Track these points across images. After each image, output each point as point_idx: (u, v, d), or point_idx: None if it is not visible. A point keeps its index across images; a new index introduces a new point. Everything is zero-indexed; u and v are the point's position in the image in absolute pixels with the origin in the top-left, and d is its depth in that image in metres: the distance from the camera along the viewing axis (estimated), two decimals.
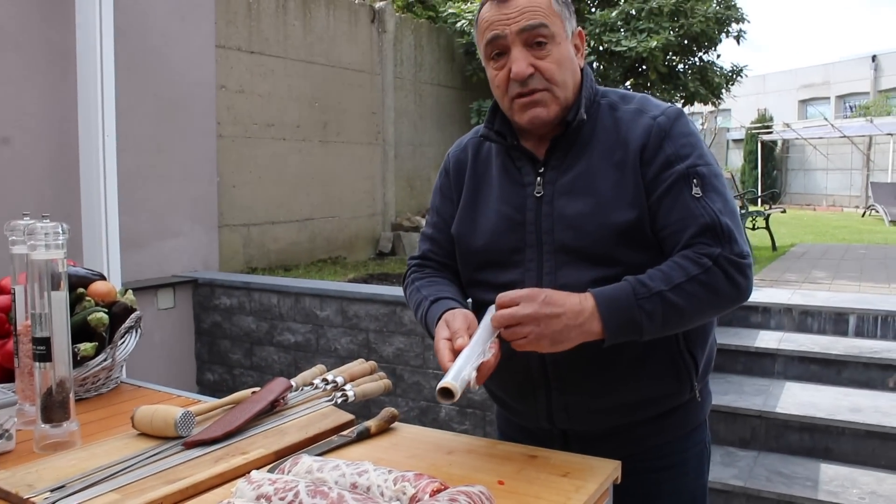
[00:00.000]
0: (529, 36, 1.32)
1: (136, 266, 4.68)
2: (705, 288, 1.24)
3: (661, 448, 1.45)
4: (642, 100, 1.41)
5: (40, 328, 1.32)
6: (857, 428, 3.52)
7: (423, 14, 9.67)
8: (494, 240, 1.42)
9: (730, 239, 1.26)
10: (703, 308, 1.27)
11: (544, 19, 1.32)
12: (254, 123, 6.17)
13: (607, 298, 1.22)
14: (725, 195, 1.32)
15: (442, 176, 1.58)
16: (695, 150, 1.33)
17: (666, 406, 1.43)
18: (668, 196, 1.31)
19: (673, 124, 1.34)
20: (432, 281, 1.50)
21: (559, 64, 1.33)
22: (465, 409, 3.99)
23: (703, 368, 1.45)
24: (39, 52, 4.15)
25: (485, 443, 1.39)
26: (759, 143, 20.36)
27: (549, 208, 1.37)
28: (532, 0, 1.33)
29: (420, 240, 1.62)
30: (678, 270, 1.25)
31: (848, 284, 5.97)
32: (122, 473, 1.20)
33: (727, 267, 1.25)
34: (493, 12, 1.35)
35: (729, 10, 7.88)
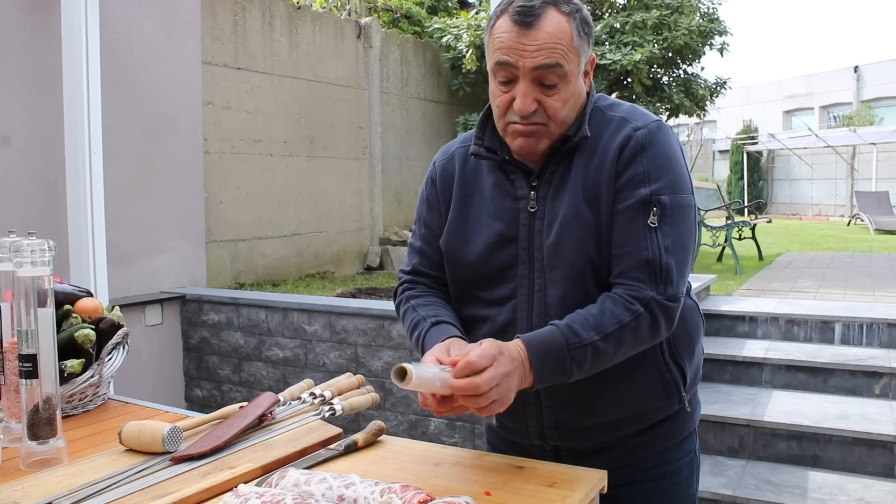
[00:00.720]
0: (542, 74, 1.28)
1: (123, 282, 4.66)
2: (632, 333, 1.25)
3: (652, 458, 1.46)
4: (630, 109, 1.39)
5: (27, 345, 1.32)
6: (845, 435, 3.55)
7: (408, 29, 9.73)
8: (486, 255, 1.40)
9: (665, 279, 1.26)
10: (626, 351, 1.27)
11: (562, 58, 1.27)
12: (241, 139, 6.18)
13: (539, 348, 1.20)
14: (682, 229, 1.30)
15: (428, 185, 1.53)
16: (666, 175, 1.30)
17: (656, 418, 1.43)
18: (623, 216, 1.30)
19: (652, 140, 1.31)
20: (429, 301, 1.46)
21: (565, 102, 1.31)
22: (455, 422, 3.99)
23: (690, 378, 1.46)
24: (25, 68, 4.15)
25: (472, 454, 1.39)
26: (745, 153, 20.53)
27: (542, 224, 1.36)
28: (556, 34, 1.27)
29: (408, 252, 1.57)
30: (610, 317, 1.24)
31: (834, 293, 6.02)
32: (110, 489, 1.19)
33: (656, 311, 1.25)
34: (510, 35, 1.28)
35: (712, 24, 7.97)
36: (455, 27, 8.45)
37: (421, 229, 1.53)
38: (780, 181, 21.73)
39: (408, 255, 1.57)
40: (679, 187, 1.31)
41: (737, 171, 20.93)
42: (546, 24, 1.27)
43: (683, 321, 1.41)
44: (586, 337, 1.21)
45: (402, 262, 1.57)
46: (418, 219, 1.55)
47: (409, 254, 1.56)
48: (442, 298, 1.49)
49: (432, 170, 1.54)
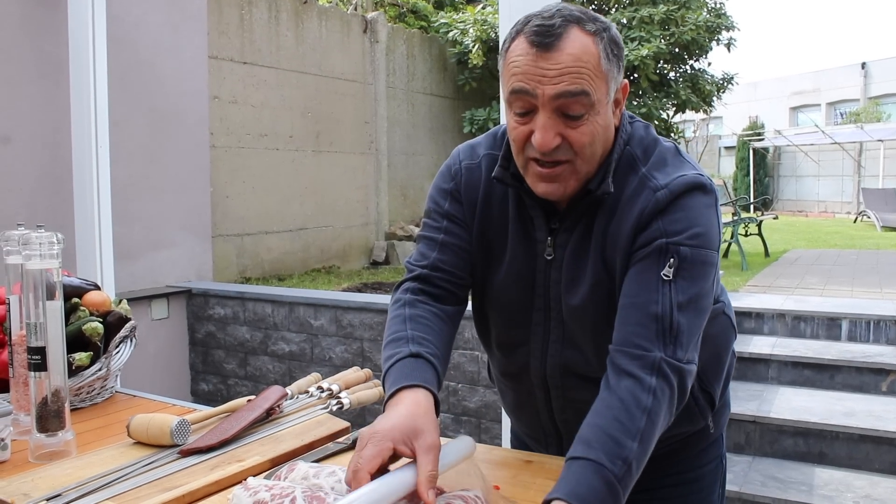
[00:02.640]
0: (565, 104, 1.10)
1: (129, 276, 4.67)
2: (659, 416, 1.07)
3: (674, 465, 1.41)
4: (658, 159, 1.20)
5: (35, 338, 1.32)
6: (851, 432, 3.54)
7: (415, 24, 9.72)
8: (505, 295, 1.30)
9: (675, 340, 1.10)
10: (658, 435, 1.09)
11: (588, 84, 1.09)
12: (247, 134, 6.18)
13: (590, 498, 0.97)
14: (699, 288, 1.14)
15: (446, 181, 1.34)
16: (690, 227, 1.14)
17: (678, 439, 1.38)
18: (636, 266, 1.15)
19: (674, 199, 1.15)
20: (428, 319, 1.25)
21: (593, 136, 1.13)
22: (461, 416, 3.99)
23: (719, 399, 1.38)
24: (32, 62, 4.15)
25: (480, 448, 1.39)
26: (751, 150, 20.46)
27: (558, 275, 1.24)
28: (580, 56, 1.09)
29: (423, 245, 1.33)
30: (634, 412, 1.05)
31: (840, 289, 6.00)
32: (119, 482, 1.20)
33: (669, 375, 1.08)
34: (527, 59, 1.10)
35: (719, 19, 7.95)
36: (461, 22, 8.44)
37: (441, 221, 1.32)
38: (786, 178, 21.66)
39: (422, 247, 1.33)
40: (704, 241, 1.14)
41: (743, 167, 20.88)
42: (568, 45, 1.09)
43: (714, 344, 1.32)
44: (626, 454, 1.01)
45: (413, 255, 1.35)
46: (437, 209, 1.33)
47: (424, 247, 1.33)
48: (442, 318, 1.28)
49: (457, 168, 1.34)
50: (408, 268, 1.33)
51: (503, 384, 1.46)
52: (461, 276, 1.32)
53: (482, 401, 3.94)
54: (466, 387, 3.97)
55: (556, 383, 1.31)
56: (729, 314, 1.41)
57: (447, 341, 1.26)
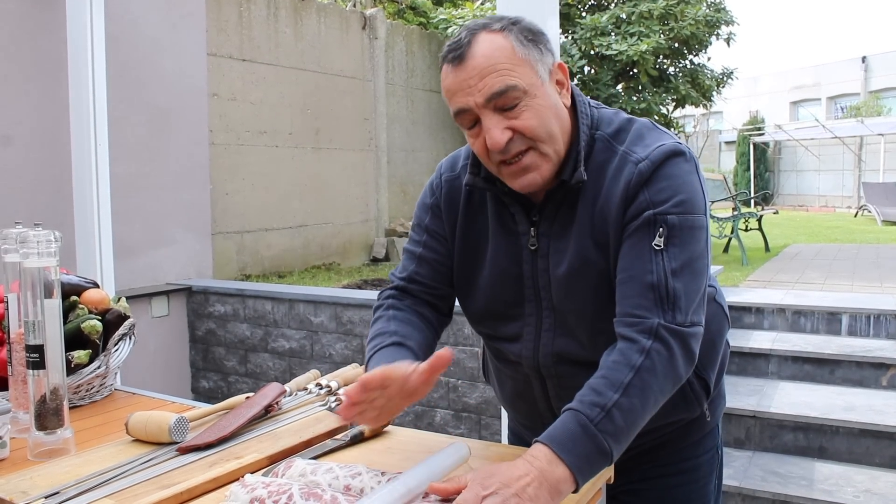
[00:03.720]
0: (498, 103, 1.15)
1: (129, 274, 4.67)
2: (652, 374, 1.10)
3: (671, 455, 1.44)
4: (635, 136, 1.24)
5: (33, 336, 1.32)
6: (851, 427, 3.54)
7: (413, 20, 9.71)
8: (493, 295, 1.33)
9: (673, 305, 1.13)
10: (656, 397, 1.12)
11: (510, 77, 1.14)
12: (246, 131, 6.18)
13: (561, 439, 1.03)
14: (692, 251, 1.17)
15: (428, 196, 1.41)
16: (675, 195, 1.17)
17: (675, 426, 1.40)
18: (628, 241, 1.18)
19: (656, 169, 1.18)
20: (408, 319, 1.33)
21: (539, 118, 1.16)
22: (461, 412, 3.99)
23: (714, 387, 1.41)
24: (31, 61, 4.15)
25: (478, 444, 1.39)
26: (751, 144, 20.44)
27: (545, 263, 1.27)
28: (491, 55, 1.14)
29: (405, 258, 1.42)
30: (621, 368, 1.10)
31: (841, 284, 6.00)
32: (117, 479, 1.20)
33: (668, 339, 1.12)
34: (451, 79, 1.17)
35: (718, 13, 7.93)
36: (460, 18, 8.43)
37: (422, 236, 1.40)
38: (786, 172, 21.64)
39: (404, 260, 1.42)
40: (689, 207, 1.17)
41: (743, 162, 20.85)
42: (478, 49, 1.15)
43: (707, 330, 1.30)
44: (604, 402, 1.06)
45: (397, 267, 1.44)
46: (418, 225, 1.41)
47: (405, 259, 1.42)
48: (424, 320, 1.36)
49: (438, 182, 1.40)
50: (390, 279, 1.42)
51: (501, 373, 1.47)
52: (437, 288, 1.38)
53: (482, 397, 3.95)
54: (466, 383, 3.97)
55: (551, 372, 1.33)
56: (720, 302, 1.43)
57: (429, 340, 1.34)
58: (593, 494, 1.20)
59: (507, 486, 0.95)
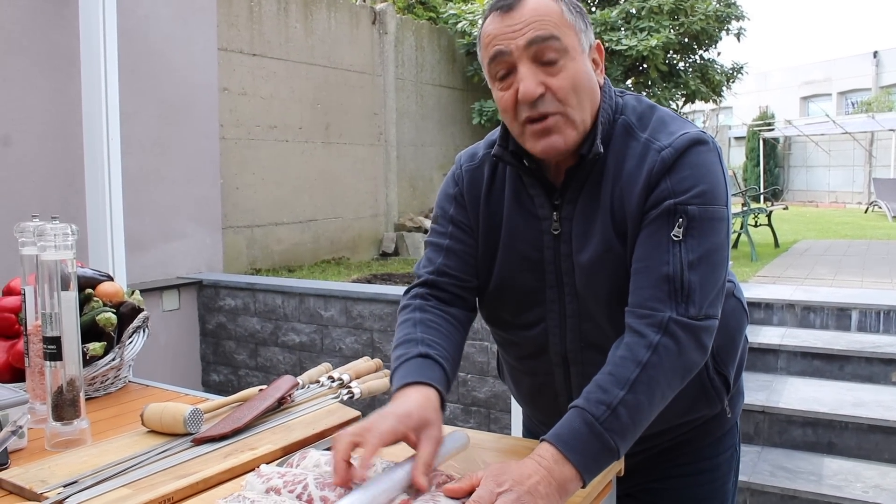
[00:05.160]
0: (539, 50, 1.14)
1: (141, 268, 4.70)
2: (659, 369, 1.09)
3: (690, 454, 1.43)
4: (657, 124, 1.23)
5: (51, 328, 1.34)
6: (861, 422, 3.53)
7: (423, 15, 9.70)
8: (511, 281, 1.31)
9: (687, 298, 1.12)
10: (664, 392, 1.11)
11: (555, 30, 1.14)
12: (256, 125, 6.20)
13: (567, 438, 1.03)
14: (711, 243, 1.16)
15: (451, 186, 1.39)
16: (697, 185, 1.16)
17: (695, 424, 1.40)
18: (646, 229, 1.17)
19: (679, 157, 1.17)
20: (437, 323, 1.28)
21: (574, 82, 1.16)
22: (470, 406, 4.01)
23: (734, 383, 1.40)
24: (44, 55, 4.18)
25: (490, 437, 1.40)
26: (761, 140, 20.36)
27: (568, 248, 1.25)
28: (540, 8, 1.15)
29: (430, 251, 1.38)
30: (628, 364, 1.09)
31: (850, 280, 5.98)
32: (133, 469, 1.22)
33: (678, 333, 1.11)
34: (495, 24, 1.18)
35: (729, 8, 7.90)
36: (470, 13, 8.42)
37: (447, 227, 1.36)
38: (796, 168, 21.54)
39: (429, 253, 1.38)
40: (711, 198, 1.16)
41: (753, 157, 20.76)
42: (529, 2, 1.16)
43: (726, 325, 1.32)
44: (610, 399, 1.05)
45: (421, 261, 1.39)
46: (443, 215, 1.38)
47: (431, 252, 1.37)
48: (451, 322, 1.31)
49: (458, 173, 1.39)
50: (416, 274, 1.37)
51: (518, 371, 1.46)
52: (467, 280, 1.35)
53: (491, 391, 3.96)
54: (476, 377, 3.98)
55: (577, 358, 1.32)
56: (739, 297, 1.42)
57: (457, 345, 1.29)
58: (603, 487, 1.21)
59: (520, 484, 0.96)
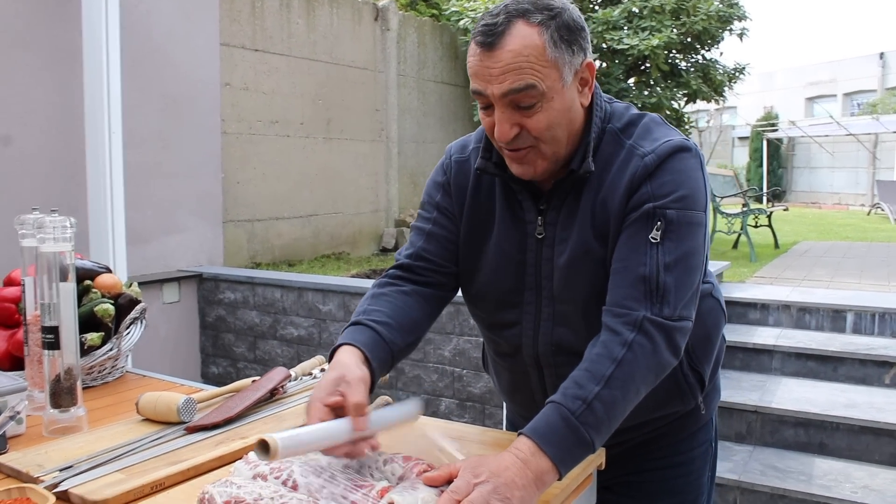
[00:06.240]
0: (514, 99, 1.16)
1: (141, 260, 4.74)
2: (633, 366, 1.12)
3: (665, 448, 1.47)
4: (643, 131, 1.26)
5: (49, 317, 1.37)
6: (852, 423, 3.56)
7: (426, 12, 9.71)
8: (495, 279, 1.35)
9: (662, 299, 1.15)
10: (637, 388, 1.14)
11: (532, 77, 1.14)
12: (258, 120, 6.23)
13: (543, 432, 1.06)
14: (688, 247, 1.19)
15: (439, 174, 1.44)
16: (677, 190, 1.19)
17: (669, 419, 1.44)
18: (626, 232, 1.21)
19: (660, 163, 1.21)
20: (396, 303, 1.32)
21: (549, 122, 1.19)
22: (465, 402, 4.04)
23: (709, 381, 1.43)
24: (47, 50, 4.21)
25: (475, 430, 1.43)
26: (765, 140, 20.34)
27: (550, 252, 1.29)
28: (520, 52, 1.14)
29: (413, 235, 1.43)
30: (603, 361, 1.12)
31: (848, 282, 6.00)
32: (127, 455, 1.25)
33: (652, 332, 1.14)
34: (476, 60, 1.18)
35: (731, 9, 7.90)
36: (472, 10, 8.43)
37: (432, 213, 1.42)
38: (799, 169, 21.52)
39: (412, 237, 1.44)
40: (690, 203, 1.20)
41: (756, 158, 20.75)
42: (510, 41, 1.14)
43: (703, 325, 1.37)
44: (586, 394, 1.08)
45: (403, 246, 1.44)
46: (429, 202, 1.43)
47: (413, 236, 1.43)
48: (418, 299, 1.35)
49: (448, 163, 1.43)
50: (395, 258, 1.42)
51: (498, 365, 1.51)
52: (444, 266, 1.39)
53: (486, 386, 4.00)
54: (471, 373, 4.02)
55: (549, 361, 1.35)
56: (717, 297, 1.45)
57: (406, 312, 1.32)
58: (583, 480, 1.24)
59: (496, 476, 0.98)
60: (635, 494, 1.48)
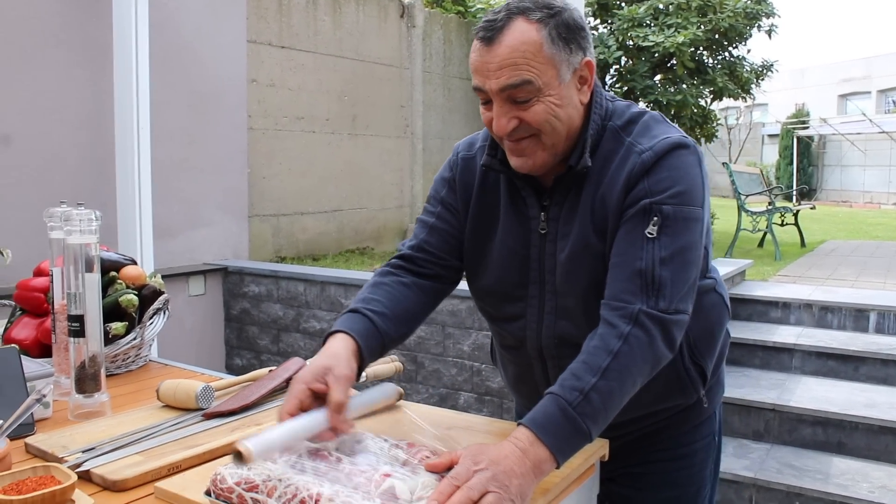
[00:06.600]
0: (510, 94, 1.21)
1: (168, 254, 4.84)
2: (630, 358, 1.15)
3: (667, 441, 1.49)
4: (642, 129, 1.29)
5: (75, 306, 1.44)
6: (871, 423, 3.55)
7: (452, 9, 9.73)
8: (500, 274, 1.39)
9: (657, 292, 1.18)
10: (634, 380, 1.16)
11: (529, 72, 1.18)
12: (284, 116, 6.31)
13: (542, 422, 1.09)
14: (685, 242, 1.22)
15: (446, 171, 1.48)
16: (673, 186, 1.22)
17: (672, 412, 1.46)
18: (623, 227, 1.24)
19: (658, 160, 1.24)
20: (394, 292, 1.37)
21: (546, 115, 1.22)
22: (483, 396, 4.08)
23: (711, 375, 1.46)
24: (79, 47, 4.31)
25: (483, 420, 1.48)
26: (795, 138, 20.07)
27: (553, 247, 1.33)
28: (518, 47, 1.18)
29: (418, 227, 1.47)
30: (600, 353, 1.14)
31: (873, 281, 5.94)
32: (147, 439, 1.32)
33: (648, 325, 1.16)
34: (476, 55, 1.23)
35: (759, 5, 7.84)
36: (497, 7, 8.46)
37: (437, 207, 1.46)
38: (830, 167, 21.21)
39: (416, 228, 1.48)
40: (687, 199, 1.23)
41: (786, 155, 20.50)
42: (508, 37, 1.18)
43: (706, 319, 1.40)
44: (582, 385, 1.11)
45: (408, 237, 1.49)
46: (434, 197, 1.48)
47: (417, 228, 1.47)
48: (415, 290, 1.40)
49: (454, 160, 1.48)
50: (398, 248, 1.46)
51: (504, 358, 1.55)
52: (444, 258, 1.43)
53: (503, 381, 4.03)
54: (489, 367, 4.06)
55: (553, 353, 1.39)
56: (720, 292, 1.47)
57: (402, 302, 1.37)
58: (585, 469, 1.28)
59: (495, 464, 1.02)
60: (638, 486, 1.51)
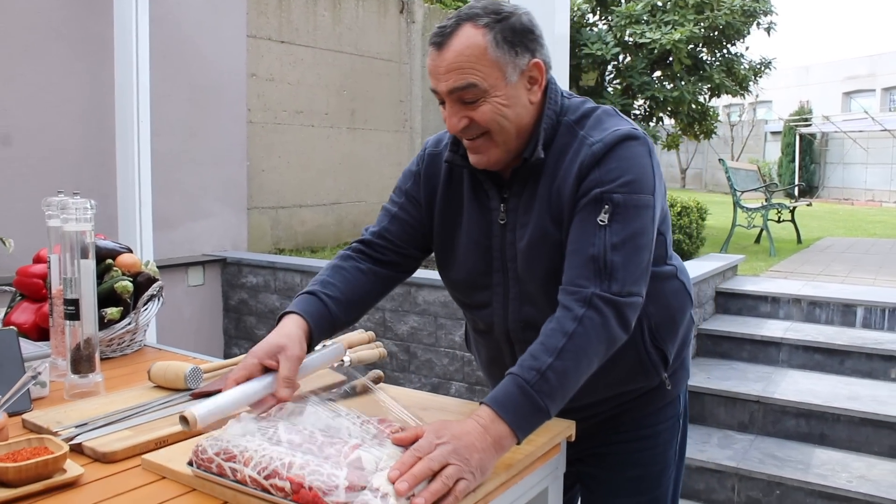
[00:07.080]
0: (458, 95, 1.29)
1: (168, 245, 4.92)
2: (585, 339, 1.21)
3: (631, 422, 1.56)
4: (594, 122, 1.37)
5: (70, 291, 1.52)
6: (853, 415, 3.62)
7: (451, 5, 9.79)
8: (466, 265, 1.47)
9: (610, 276, 1.24)
10: (590, 361, 1.23)
11: (473, 76, 1.26)
12: (283, 110, 6.39)
13: (502, 400, 1.15)
14: (635, 228, 1.28)
15: (414, 164, 1.56)
16: (623, 175, 1.29)
17: (634, 394, 1.53)
18: (577, 216, 1.31)
19: (608, 151, 1.30)
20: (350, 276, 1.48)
21: (493, 115, 1.30)
22: (475, 385, 4.16)
23: (673, 359, 1.53)
24: (80, 42, 4.39)
25: (457, 402, 1.55)
26: (798, 135, 20.09)
27: (513, 237, 1.40)
28: (463, 51, 1.26)
29: (381, 215, 1.56)
30: (556, 334, 1.21)
31: (863, 277, 6.01)
32: (137, 416, 1.40)
33: (601, 307, 1.23)
34: (430, 59, 1.32)
35: (756, 3, 7.88)
36: None
37: (401, 198, 1.55)
38: (833, 164, 21.23)
39: (379, 216, 1.56)
40: (637, 187, 1.29)
41: (788, 153, 20.53)
42: (455, 42, 1.27)
43: (667, 306, 1.48)
44: (539, 365, 1.17)
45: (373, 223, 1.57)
46: (400, 187, 1.56)
47: (380, 216, 1.56)
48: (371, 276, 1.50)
49: (422, 155, 1.55)
50: (361, 233, 1.56)
51: (477, 342, 1.63)
52: (401, 247, 1.53)
53: None
54: None
55: (519, 337, 1.46)
56: (682, 279, 1.54)
57: (356, 289, 1.48)
58: (550, 448, 1.35)
59: (457, 439, 1.09)
60: (603, 465, 1.59)
